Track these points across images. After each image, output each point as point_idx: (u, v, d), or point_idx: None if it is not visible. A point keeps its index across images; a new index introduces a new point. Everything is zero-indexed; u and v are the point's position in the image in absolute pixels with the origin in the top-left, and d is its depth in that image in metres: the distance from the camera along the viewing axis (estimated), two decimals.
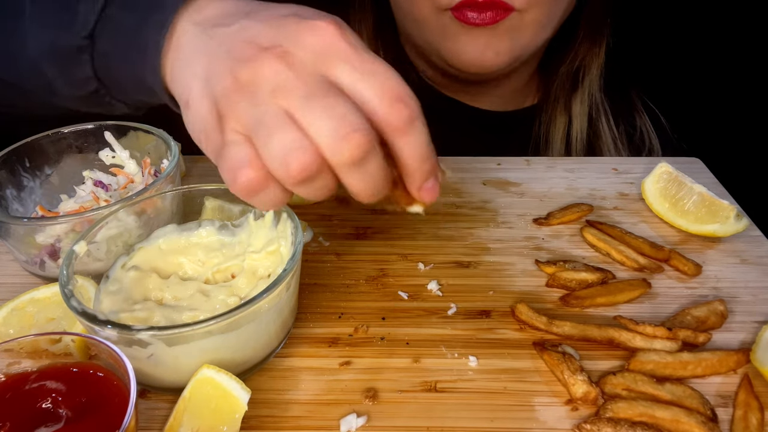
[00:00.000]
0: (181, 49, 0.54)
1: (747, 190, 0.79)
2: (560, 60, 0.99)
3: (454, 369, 0.54)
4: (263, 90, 0.47)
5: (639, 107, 1.04)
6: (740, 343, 0.56)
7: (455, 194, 0.78)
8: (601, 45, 0.97)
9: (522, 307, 0.58)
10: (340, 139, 0.44)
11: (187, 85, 0.53)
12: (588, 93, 0.99)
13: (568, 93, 1.00)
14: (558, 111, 1.00)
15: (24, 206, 0.68)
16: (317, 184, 0.47)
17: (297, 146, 0.45)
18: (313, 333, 0.57)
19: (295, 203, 0.74)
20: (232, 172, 0.48)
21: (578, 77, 0.99)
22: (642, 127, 1.03)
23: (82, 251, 0.54)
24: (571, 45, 0.97)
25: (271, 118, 0.46)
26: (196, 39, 0.53)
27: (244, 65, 0.48)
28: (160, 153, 0.70)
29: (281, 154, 0.45)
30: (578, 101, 0.99)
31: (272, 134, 0.45)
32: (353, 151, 0.44)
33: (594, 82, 0.99)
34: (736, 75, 1.33)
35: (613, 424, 0.47)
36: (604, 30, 0.97)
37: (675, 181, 0.72)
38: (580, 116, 0.99)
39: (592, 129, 1.00)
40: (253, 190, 0.47)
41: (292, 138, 0.45)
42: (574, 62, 0.98)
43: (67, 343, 0.46)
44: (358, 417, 0.49)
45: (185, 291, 0.55)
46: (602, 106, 1.00)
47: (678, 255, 0.66)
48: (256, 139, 0.47)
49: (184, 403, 0.47)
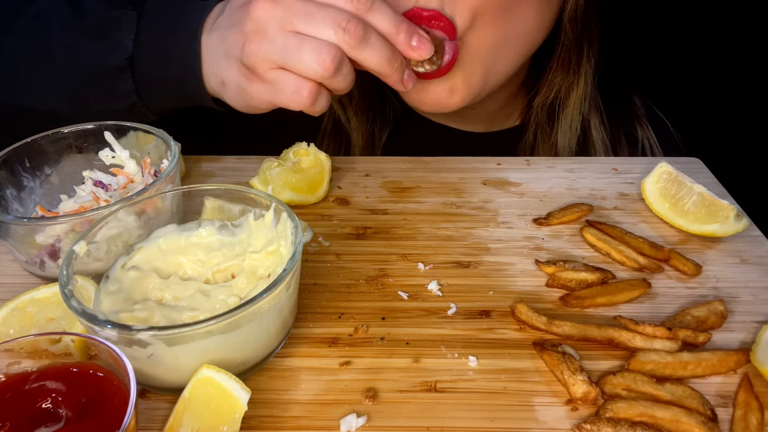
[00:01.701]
0: (207, 53, 0.69)
1: (747, 190, 0.79)
2: (535, 90, 0.93)
3: (454, 369, 0.54)
4: (270, 28, 0.61)
5: (643, 120, 0.99)
6: (740, 343, 0.56)
7: (455, 194, 0.78)
8: (579, 74, 0.90)
9: (522, 307, 0.58)
10: (342, 31, 0.60)
11: (217, 72, 0.68)
12: (570, 124, 0.93)
13: (545, 125, 0.94)
14: (540, 139, 0.95)
15: (24, 206, 0.68)
16: (344, 71, 0.63)
17: (320, 48, 0.60)
18: (313, 333, 0.58)
19: (296, 203, 0.74)
20: (293, 96, 0.63)
21: (555, 109, 0.93)
22: (645, 141, 0.98)
23: (82, 251, 0.54)
24: (543, 75, 0.91)
25: (290, 42, 0.61)
26: (212, 40, 0.68)
27: (244, 21, 0.63)
28: (160, 153, 0.70)
29: (313, 59, 0.60)
30: (560, 133, 0.94)
31: (299, 51, 0.60)
32: (355, 34, 0.60)
33: (575, 112, 0.92)
34: (736, 75, 1.33)
35: (613, 424, 0.47)
36: (581, 60, 0.89)
37: (675, 181, 0.72)
38: (564, 147, 0.94)
39: (585, 153, 0.95)
40: (314, 99, 0.63)
41: (312, 46, 0.60)
42: (549, 93, 0.91)
43: (67, 343, 0.46)
44: (358, 417, 0.49)
45: (185, 291, 0.55)
46: (599, 135, 0.95)
47: (678, 255, 0.66)
48: (288, 63, 0.61)
49: (184, 403, 0.47)
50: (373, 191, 0.78)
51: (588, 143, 0.96)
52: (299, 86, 0.62)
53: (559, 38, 0.87)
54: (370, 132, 0.97)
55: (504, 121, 1.01)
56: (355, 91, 0.93)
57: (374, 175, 0.82)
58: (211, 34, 0.69)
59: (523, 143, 0.97)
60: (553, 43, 0.88)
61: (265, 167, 0.75)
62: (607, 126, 0.96)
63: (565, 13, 0.85)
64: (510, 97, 0.97)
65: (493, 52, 0.79)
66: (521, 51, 0.83)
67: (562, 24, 0.85)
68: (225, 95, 0.70)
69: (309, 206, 0.75)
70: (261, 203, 0.60)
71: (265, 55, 0.62)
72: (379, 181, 0.80)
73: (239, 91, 0.68)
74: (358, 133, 0.96)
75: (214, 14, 0.71)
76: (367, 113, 0.95)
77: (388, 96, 0.97)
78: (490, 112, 0.97)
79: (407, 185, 0.79)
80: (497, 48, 0.79)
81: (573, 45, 0.87)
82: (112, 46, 0.71)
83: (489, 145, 0.98)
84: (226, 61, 0.67)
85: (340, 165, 0.83)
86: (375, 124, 0.96)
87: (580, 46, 0.88)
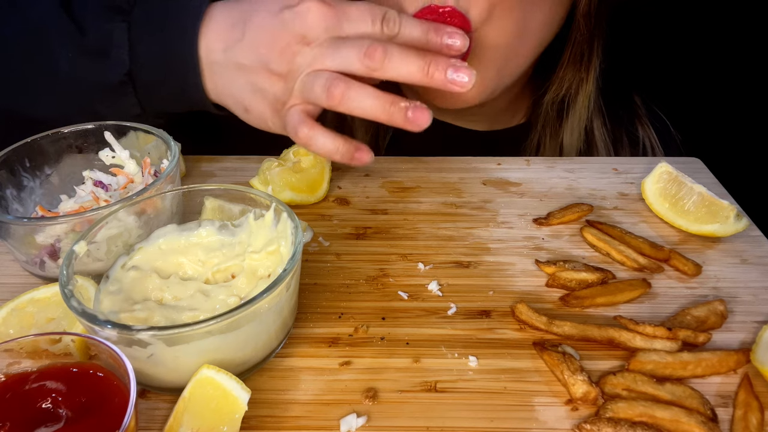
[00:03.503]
0: (215, 69, 0.69)
1: (747, 190, 0.79)
2: (545, 87, 0.93)
3: (454, 369, 0.54)
4: (299, 71, 0.65)
5: (644, 120, 0.99)
6: (740, 343, 0.56)
7: (455, 194, 0.78)
8: (589, 71, 0.90)
9: (522, 307, 0.58)
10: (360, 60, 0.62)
11: (239, 96, 0.70)
12: (578, 121, 0.93)
13: (553, 122, 0.94)
14: (547, 138, 0.95)
15: (24, 206, 0.68)
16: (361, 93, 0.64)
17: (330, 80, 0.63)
18: (313, 333, 0.57)
19: (296, 203, 0.74)
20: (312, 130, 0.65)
21: (564, 106, 0.93)
22: (645, 141, 0.98)
23: (82, 251, 0.54)
24: (555, 71, 0.91)
25: (316, 80, 0.64)
26: (224, 59, 0.68)
27: (274, 64, 0.66)
28: (160, 153, 0.70)
29: (323, 88, 0.63)
30: (567, 131, 0.94)
31: (314, 83, 0.63)
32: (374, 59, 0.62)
33: (583, 109, 0.93)
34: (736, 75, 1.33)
35: (613, 424, 0.47)
36: (592, 56, 0.89)
37: (675, 181, 0.72)
38: (570, 146, 0.94)
39: (588, 154, 0.95)
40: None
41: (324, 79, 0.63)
42: (559, 90, 0.92)
43: (67, 343, 0.46)
44: (358, 417, 0.49)
45: (185, 291, 0.55)
46: (600, 136, 0.95)
47: (678, 255, 0.66)
48: (307, 96, 0.65)
49: (184, 403, 0.47)
50: (373, 191, 0.78)
51: (591, 143, 0.96)
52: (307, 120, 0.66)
53: (572, 33, 0.87)
54: (374, 132, 0.97)
55: (509, 119, 1.01)
56: None
57: (374, 175, 0.82)
58: (224, 54, 0.68)
59: (529, 141, 0.97)
60: (561, 39, 0.88)
61: (265, 167, 0.75)
62: (609, 126, 0.96)
63: (579, 7, 0.85)
64: (517, 94, 0.97)
65: (508, 47, 0.80)
66: (535, 45, 0.84)
67: (575, 19, 0.86)
68: (245, 117, 0.72)
69: (309, 206, 0.75)
70: (261, 203, 0.60)
71: (296, 94, 0.66)
72: (379, 181, 0.80)
73: (264, 120, 0.70)
74: (362, 132, 0.96)
75: (215, 19, 0.69)
76: None
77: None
78: (496, 109, 0.97)
79: (407, 185, 0.79)
80: (512, 42, 0.79)
81: (585, 40, 0.88)
82: (109, 63, 0.70)
83: (493, 144, 0.98)
84: (252, 94, 0.68)
85: (340, 165, 0.83)
86: (379, 123, 0.96)
87: (591, 41, 0.88)
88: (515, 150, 0.98)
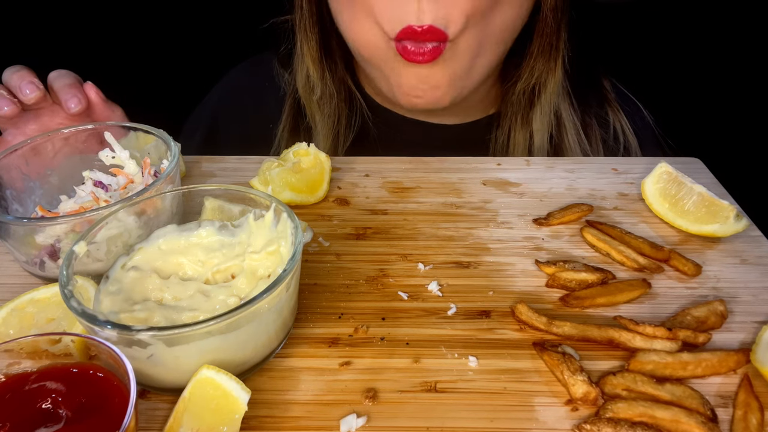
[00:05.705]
0: None
1: (747, 190, 0.79)
2: (515, 78, 0.95)
3: (454, 369, 0.54)
4: None
5: (613, 104, 1.01)
6: (740, 343, 0.56)
7: (455, 194, 0.78)
8: (557, 60, 0.92)
9: (522, 308, 0.58)
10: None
11: None
12: (548, 108, 0.95)
13: (525, 109, 0.96)
14: (517, 126, 0.97)
15: (24, 206, 0.68)
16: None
17: None
18: (313, 333, 0.57)
19: (296, 204, 0.74)
20: None
21: (534, 94, 0.95)
22: (616, 124, 1.00)
23: (82, 251, 0.54)
24: (524, 63, 0.93)
25: None
26: None
27: None
28: (160, 153, 0.70)
29: None
30: (537, 117, 0.95)
31: None
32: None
33: (552, 96, 0.94)
34: (736, 75, 1.33)
35: (613, 425, 0.47)
36: (560, 44, 0.92)
37: (675, 181, 0.72)
38: (540, 131, 0.96)
39: (558, 138, 0.97)
40: None
41: None
42: (530, 80, 0.94)
43: (67, 343, 0.46)
44: (358, 417, 0.49)
45: (185, 291, 0.55)
46: (569, 118, 0.97)
47: (678, 255, 0.66)
48: None
49: (184, 403, 0.47)
50: (373, 191, 0.78)
51: (560, 127, 0.97)
52: None
53: (540, 26, 0.90)
54: (336, 132, 0.98)
55: (480, 111, 1.02)
56: (317, 88, 0.94)
57: (374, 175, 0.82)
58: None
59: (500, 129, 0.98)
60: (528, 30, 0.90)
61: (265, 167, 0.75)
62: (577, 109, 0.98)
63: (547, 2, 0.87)
64: (488, 87, 0.99)
65: (480, 47, 0.83)
66: (504, 42, 0.87)
67: (542, 12, 0.88)
68: None
69: (309, 206, 0.75)
70: (261, 203, 0.60)
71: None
72: (379, 182, 0.80)
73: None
74: (324, 134, 0.97)
75: None
76: (333, 110, 0.97)
77: (355, 94, 0.98)
78: (468, 104, 0.98)
79: (407, 185, 0.79)
80: (481, 43, 0.83)
81: (553, 32, 0.90)
82: None
83: (463, 136, 1.00)
84: None
85: (340, 165, 0.83)
86: (340, 123, 0.97)
87: (558, 32, 0.91)
88: (486, 140, 0.99)
